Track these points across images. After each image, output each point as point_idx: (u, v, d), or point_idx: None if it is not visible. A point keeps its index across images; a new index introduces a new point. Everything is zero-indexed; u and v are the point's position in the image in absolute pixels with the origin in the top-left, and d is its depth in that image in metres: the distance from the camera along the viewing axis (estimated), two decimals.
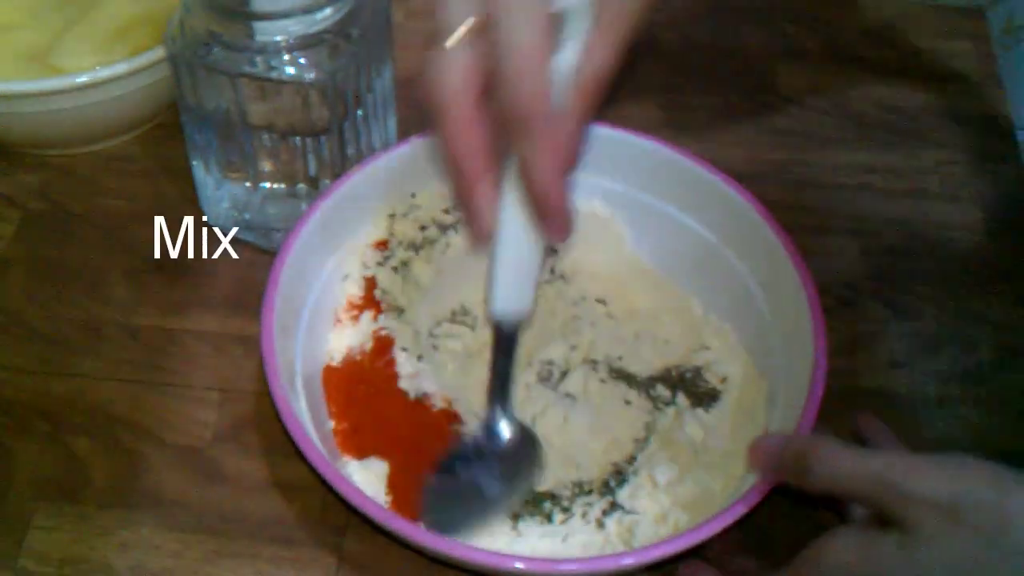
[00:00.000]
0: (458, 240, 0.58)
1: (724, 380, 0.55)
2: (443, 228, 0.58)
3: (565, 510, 0.50)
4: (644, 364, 0.56)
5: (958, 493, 0.37)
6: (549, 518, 0.50)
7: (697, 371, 0.55)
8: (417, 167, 0.57)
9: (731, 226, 0.56)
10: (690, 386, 0.54)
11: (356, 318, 0.56)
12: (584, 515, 0.49)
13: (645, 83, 0.74)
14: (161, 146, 0.67)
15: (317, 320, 0.54)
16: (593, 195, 0.60)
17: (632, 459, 0.51)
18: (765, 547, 0.48)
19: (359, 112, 0.57)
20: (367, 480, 0.50)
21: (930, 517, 0.38)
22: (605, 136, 0.58)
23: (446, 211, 0.59)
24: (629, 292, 0.59)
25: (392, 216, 0.58)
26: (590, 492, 0.50)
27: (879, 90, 0.75)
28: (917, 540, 0.38)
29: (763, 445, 0.45)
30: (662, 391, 0.54)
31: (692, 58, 0.77)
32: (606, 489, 0.50)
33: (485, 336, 0.56)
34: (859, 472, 0.40)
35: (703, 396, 0.54)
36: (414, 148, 0.57)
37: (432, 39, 0.39)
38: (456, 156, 0.40)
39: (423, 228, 0.58)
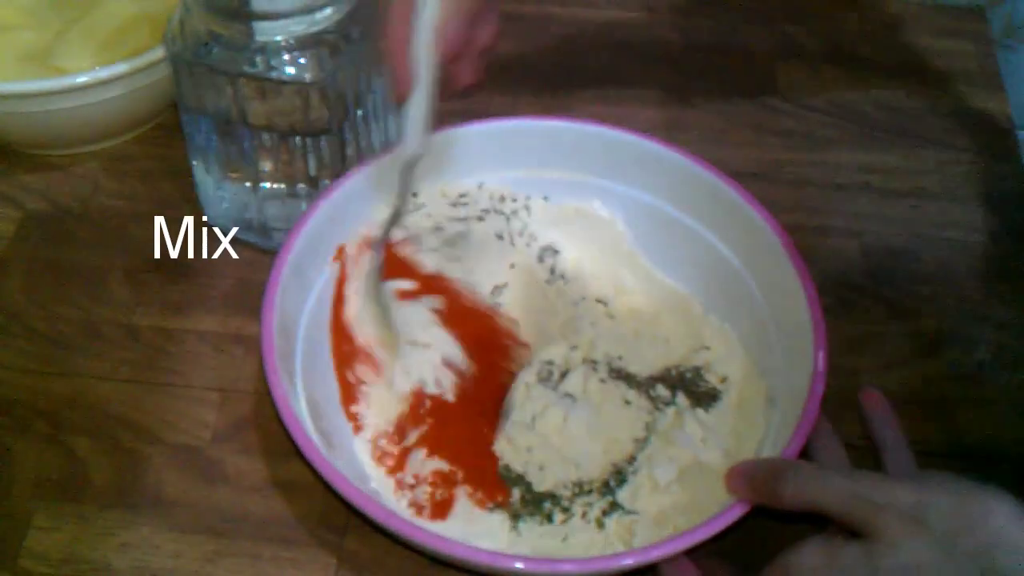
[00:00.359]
0: (458, 240, 0.58)
1: (724, 380, 0.55)
2: (441, 227, 0.59)
3: (565, 510, 0.50)
4: (644, 364, 0.56)
5: (921, 500, 0.39)
6: (549, 518, 0.50)
7: (697, 371, 0.55)
8: (417, 167, 0.57)
9: (731, 226, 0.56)
10: (690, 386, 0.54)
11: None
12: (584, 515, 0.49)
13: (645, 83, 0.74)
14: (161, 146, 0.67)
15: (317, 320, 0.54)
16: (593, 195, 0.60)
17: (632, 459, 0.51)
18: (740, 553, 0.48)
19: (359, 112, 0.57)
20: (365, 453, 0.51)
21: (894, 523, 0.39)
22: (606, 136, 0.58)
23: (452, 206, 0.59)
24: (629, 292, 0.59)
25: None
26: (590, 492, 0.50)
27: (879, 90, 0.75)
28: (881, 546, 0.39)
29: (738, 469, 0.46)
30: (662, 391, 0.54)
31: (692, 58, 0.77)
32: (606, 489, 0.50)
33: None
34: (829, 489, 0.42)
35: (703, 396, 0.54)
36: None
37: None
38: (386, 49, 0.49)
39: (438, 228, 0.58)
